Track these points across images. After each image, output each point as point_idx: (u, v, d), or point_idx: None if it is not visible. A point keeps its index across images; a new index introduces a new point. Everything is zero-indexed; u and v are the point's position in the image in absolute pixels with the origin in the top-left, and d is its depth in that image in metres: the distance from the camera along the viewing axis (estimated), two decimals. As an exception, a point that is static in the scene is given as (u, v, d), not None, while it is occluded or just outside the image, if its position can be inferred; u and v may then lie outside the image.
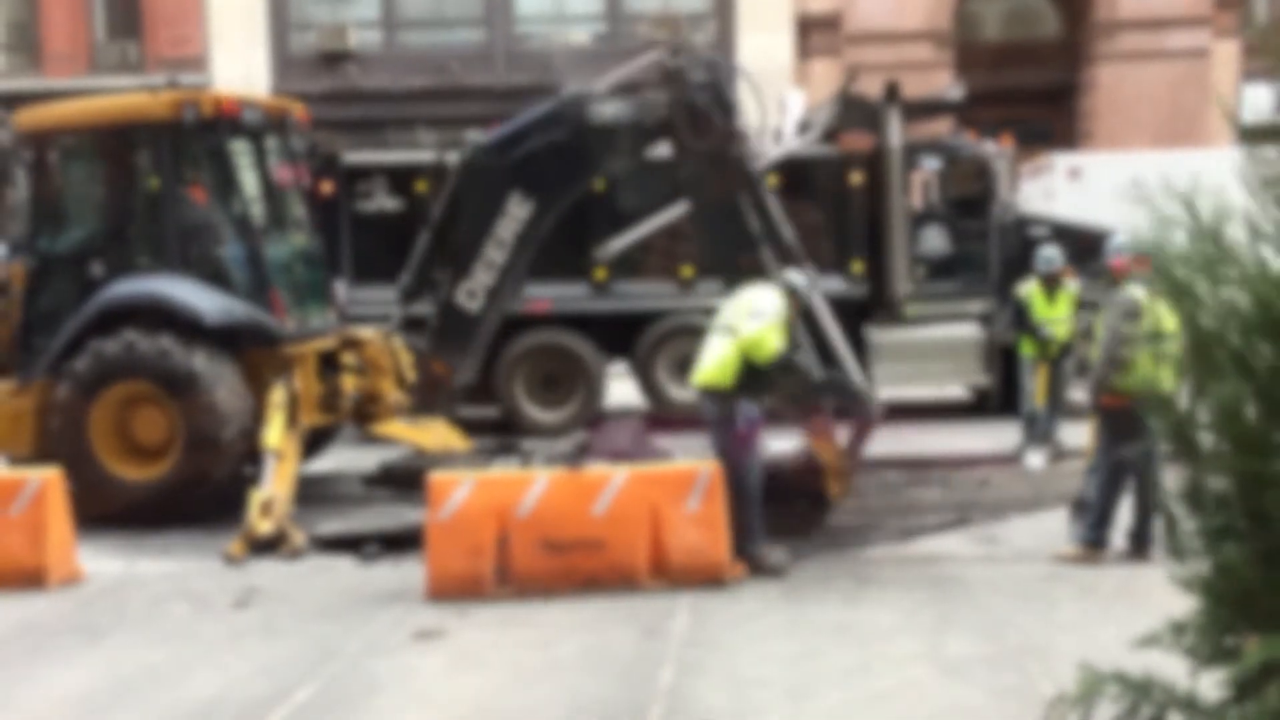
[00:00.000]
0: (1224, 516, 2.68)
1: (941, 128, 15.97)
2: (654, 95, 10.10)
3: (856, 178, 13.78)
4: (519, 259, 10.48)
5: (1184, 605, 3.08)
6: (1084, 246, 13.25)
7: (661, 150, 11.99)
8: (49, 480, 8.20)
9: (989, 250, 13.99)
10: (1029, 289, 11.60)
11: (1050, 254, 11.63)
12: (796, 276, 8.53)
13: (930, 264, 14.06)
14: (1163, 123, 22.27)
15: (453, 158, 11.74)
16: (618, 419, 12.53)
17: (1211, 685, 2.91)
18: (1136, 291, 7.79)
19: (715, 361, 7.97)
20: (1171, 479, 2.91)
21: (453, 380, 11.24)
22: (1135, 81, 22.51)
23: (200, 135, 10.32)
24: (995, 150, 14.16)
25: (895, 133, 13.41)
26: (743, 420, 7.92)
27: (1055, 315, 11.53)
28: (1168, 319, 3.39)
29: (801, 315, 8.59)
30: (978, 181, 14.17)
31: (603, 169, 10.67)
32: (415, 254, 11.67)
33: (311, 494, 10.42)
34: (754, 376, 7.95)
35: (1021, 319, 11.64)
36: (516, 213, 10.44)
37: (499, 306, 10.68)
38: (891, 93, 13.41)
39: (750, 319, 7.95)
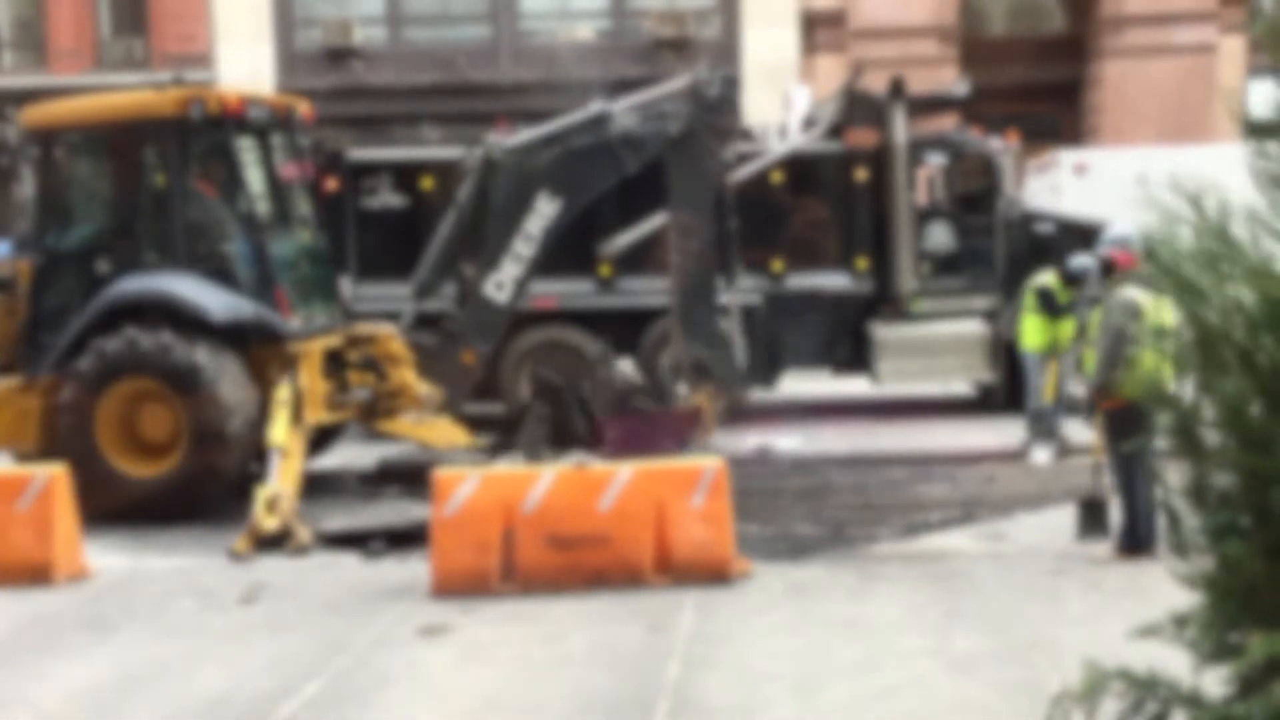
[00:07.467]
0: (1228, 513, 2.68)
1: (947, 123, 15.93)
2: (673, 107, 11.14)
3: (862, 174, 13.75)
4: (542, 252, 11.09)
5: (1189, 601, 3.09)
6: (1090, 243, 13.21)
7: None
8: (55, 476, 8.22)
9: (994, 246, 13.95)
10: (1050, 279, 11.59)
11: (1084, 262, 11.56)
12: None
13: (935, 260, 14.03)
14: (1169, 118, 22.20)
15: (471, 156, 11.95)
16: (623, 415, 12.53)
17: (1215, 681, 2.92)
18: (1135, 292, 7.72)
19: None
20: (1174, 476, 2.91)
21: (481, 368, 11.66)
22: (1141, 77, 22.45)
23: (206, 132, 10.35)
24: (1001, 146, 14.12)
25: (900, 128, 13.39)
26: None
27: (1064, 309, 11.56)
28: (1169, 316, 3.39)
29: None
30: (983, 177, 14.14)
31: (626, 173, 11.30)
32: (435, 250, 11.74)
33: (317, 490, 10.44)
34: None
35: (1051, 303, 11.59)
36: (545, 209, 11.10)
37: (522, 296, 11.39)
38: (897, 88, 13.39)
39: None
